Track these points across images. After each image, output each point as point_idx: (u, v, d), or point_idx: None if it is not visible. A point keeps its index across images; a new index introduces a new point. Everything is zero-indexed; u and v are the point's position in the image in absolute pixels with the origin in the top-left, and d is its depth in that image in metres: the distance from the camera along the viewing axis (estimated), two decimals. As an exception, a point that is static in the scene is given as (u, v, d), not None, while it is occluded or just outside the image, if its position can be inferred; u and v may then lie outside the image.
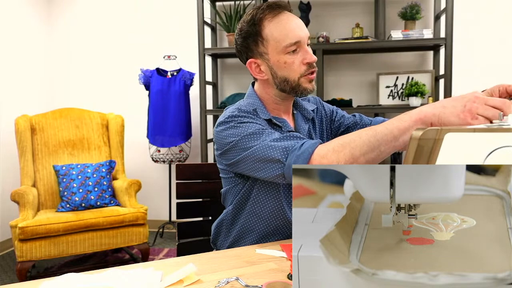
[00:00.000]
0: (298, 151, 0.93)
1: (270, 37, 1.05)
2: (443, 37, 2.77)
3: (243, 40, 1.10)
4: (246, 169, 1.04)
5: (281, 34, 1.04)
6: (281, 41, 1.04)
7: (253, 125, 1.04)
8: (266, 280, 0.80)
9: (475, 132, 0.57)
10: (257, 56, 1.09)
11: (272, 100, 1.15)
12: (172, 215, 3.43)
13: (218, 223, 1.23)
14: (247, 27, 1.08)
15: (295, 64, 1.06)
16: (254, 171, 1.02)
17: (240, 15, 3.08)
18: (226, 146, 1.06)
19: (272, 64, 1.07)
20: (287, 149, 0.95)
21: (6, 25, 3.19)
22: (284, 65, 1.06)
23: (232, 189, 1.16)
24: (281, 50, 1.05)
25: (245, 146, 1.01)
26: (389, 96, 3.09)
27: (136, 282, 0.79)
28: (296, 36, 1.04)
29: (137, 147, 3.58)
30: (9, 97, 3.23)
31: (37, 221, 2.35)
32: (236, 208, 1.17)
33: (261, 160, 0.99)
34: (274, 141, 0.98)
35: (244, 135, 1.02)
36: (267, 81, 1.12)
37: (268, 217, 1.13)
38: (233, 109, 1.11)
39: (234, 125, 1.05)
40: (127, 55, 3.59)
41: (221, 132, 1.07)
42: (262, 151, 0.98)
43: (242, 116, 1.07)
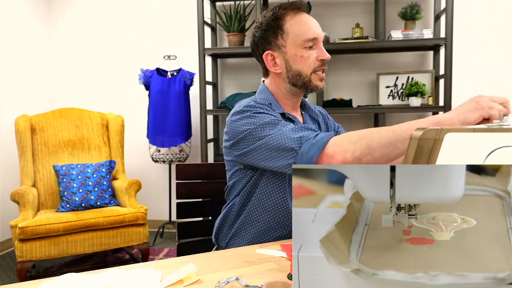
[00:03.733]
0: (313, 140, 0.96)
1: (290, 31, 1.12)
2: (443, 37, 2.77)
3: (263, 33, 1.15)
4: (258, 159, 1.06)
5: (301, 30, 1.11)
6: (300, 35, 1.11)
7: (268, 116, 1.07)
8: (266, 280, 0.80)
9: (475, 132, 0.57)
10: (274, 49, 1.14)
11: (282, 95, 1.19)
12: (172, 215, 3.43)
13: (223, 217, 1.24)
14: (268, 21, 1.14)
15: (310, 59, 1.12)
16: (266, 161, 1.04)
17: (240, 15, 3.08)
18: (240, 134, 1.08)
19: (289, 57, 1.13)
20: (301, 139, 0.98)
21: (6, 25, 3.19)
22: (300, 59, 1.12)
23: (239, 182, 1.18)
24: (299, 44, 1.11)
25: (260, 135, 1.04)
26: (389, 96, 3.09)
27: (136, 282, 0.79)
28: (314, 33, 1.12)
29: (137, 147, 3.58)
30: (9, 97, 3.23)
31: (37, 221, 2.35)
32: (242, 200, 1.18)
33: (274, 149, 1.01)
34: (289, 131, 1.01)
35: (259, 124, 1.05)
36: (280, 75, 1.16)
37: (272, 209, 1.15)
38: (249, 100, 1.14)
39: (250, 114, 1.08)
40: (127, 55, 3.59)
41: (237, 122, 1.09)
42: (276, 140, 1.01)
43: (258, 107, 1.10)
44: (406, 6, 2.91)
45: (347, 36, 3.10)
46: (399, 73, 3.08)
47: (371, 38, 2.90)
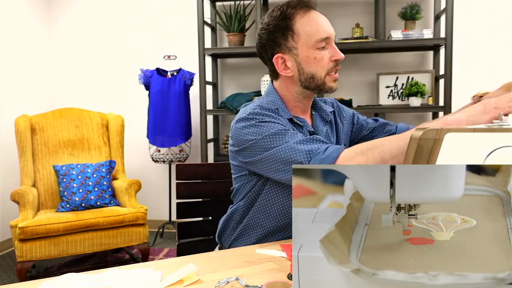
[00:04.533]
0: (323, 155, 0.92)
1: (301, 32, 1.05)
2: (443, 37, 2.77)
3: (270, 34, 1.08)
4: (264, 169, 1.03)
5: (313, 29, 1.05)
6: (312, 36, 1.05)
7: (275, 125, 1.03)
8: (266, 280, 0.80)
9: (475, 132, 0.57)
10: (284, 51, 1.08)
11: (293, 98, 1.14)
12: (172, 215, 3.43)
13: (227, 218, 1.24)
14: (276, 21, 1.07)
15: (324, 60, 1.06)
16: (273, 172, 1.01)
17: (240, 15, 3.08)
18: (245, 143, 1.05)
19: (301, 60, 1.07)
20: (310, 152, 0.94)
21: (6, 25, 3.19)
22: (313, 61, 1.06)
23: (244, 186, 1.16)
24: (312, 45, 1.05)
25: (267, 146, 1.00)
26: (389, 96, 3.09)
27: (136, 282, 0.79)
28: (326, 32, 1.05)
29: (137, 147, 3.58)
30: (9, 97, 3.23)
31: (37, 221, 2.35)
32: (246, 204, 1.17)
33: (282, 162, 0.98)
34: (297, 144, 0.97)
35: (266, 135, 1.01)
36: (291, 78, 1.11)
37: (276, 214, 1.13)
38: (255, 106, 1.10)
39: (256, 123, 1.04)
40: (127, 55, 3.59)
41: (241, 130, 1.06)
42: (284, 153, 0.97)
43: (263, 115, 1.05)
44: (406, 6, 2.91)
45: (347, 36, 3.10)
46: (399, 73, 3.08)
47: (371, 38, 2.90)
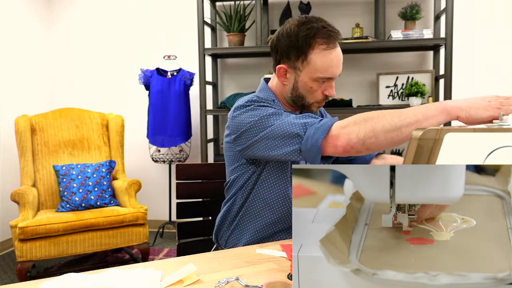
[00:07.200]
0: (318, 124, 0.98)
1: (312, 63, 1.10)
2: (443, 37, 2.77)
3: (287, 46, 1.12)
4: (263, 149, 1.06)
5: (323, 67, 1.09)
6: (319, 71, 1.10)
7: (271, 108, 1.09)
8: (266, 280, 0.80)
9: (475, 132, 0.57)
10: (290, 65, 1.14)
11: (284, 99, 1.21)
12: (172, 215, 3.43)
13: (224, 213, 1.25)
14: (298, 37, 1.09)
15: (317, 92, 1.14)
16: (271, 150, 1.05)
17: (240, 15, 3.07)
18: (244, 126, 1.09)
19: (299, 81, 1.14)
20: (306, 124, 1.00)
21: (6, 25, 3.18)
22: (309, 89, 1.13)
23: (241, 176, 1.18)
24: (315, 77, 1.11)
25: (265, 125, 1.05)
26: (389, 96, 3.09)
27: (136, 282, 0.79)
28: (333, 73, 1.11)
29: (137, 147, 3.58)
30: (9, 97, 3.23)
31: (37, 221, 2.34)
32: (244, 195, 1.18)
33: (279, 137, 1.02)
34: (294, 118, 1.03)
35: (263, 115, 1.06)
36: (285, 87, 1.18)
37: (274, 202, 1.15)
38: (252, 96, 1.16)
39: (253, 107, 1.10)
40: (127, 55, 3.59)
41: (240, 115, 1.11)
42: (281, 128, 1.02)
43: (260, 102, 1.12)
44: (406, 6, 2.91)
45: (347, 36, 3.10)
46: (399, 73, 3.07)
47: (371, 38, 2.90)
